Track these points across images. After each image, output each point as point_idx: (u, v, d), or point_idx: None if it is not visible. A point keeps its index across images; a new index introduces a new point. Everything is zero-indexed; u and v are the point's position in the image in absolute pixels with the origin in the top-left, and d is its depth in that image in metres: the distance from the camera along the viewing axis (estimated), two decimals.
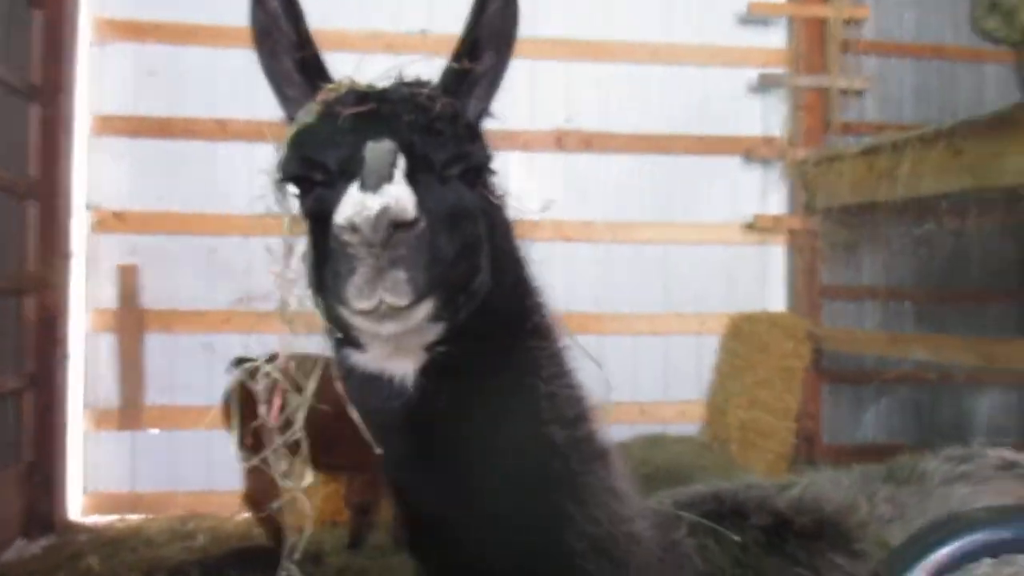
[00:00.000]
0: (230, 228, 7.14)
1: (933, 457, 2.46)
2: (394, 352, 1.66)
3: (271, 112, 6.89)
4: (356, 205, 1.42)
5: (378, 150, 1.50)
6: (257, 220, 6.80)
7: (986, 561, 1.40)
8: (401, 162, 1.51)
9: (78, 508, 6.88)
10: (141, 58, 7.11)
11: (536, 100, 7.48)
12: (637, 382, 7.45)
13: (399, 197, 1.44)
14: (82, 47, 6.85)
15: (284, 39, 1.72)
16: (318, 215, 1.61)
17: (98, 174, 7.06)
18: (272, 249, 1.67)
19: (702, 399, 7.67)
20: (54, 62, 6.47)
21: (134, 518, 6.84)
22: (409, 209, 1.44)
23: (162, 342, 7.10)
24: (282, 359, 1.57)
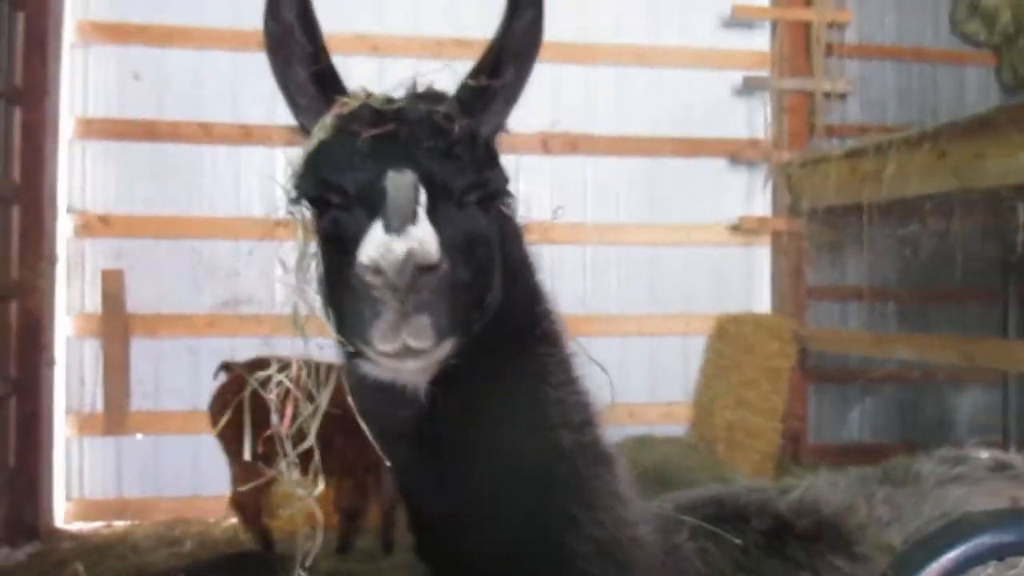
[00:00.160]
0: (215, 232, 7.12)
1: (927, 459, 2.48)
2: None
3: (256, 115, 6.84)
4: (380, 248, 1.41)
5: (400, 184, 1.49)
6: (242, 224, 6.74)
7: (991, 564, 1.42)
8: (423, 197, 1.50)
9: (62, 515, 6.81)
10: (125, 61, 7.04)
11: (522, 103, 7.43)
12: (624, 383, 7.45)
13: (423, 240, 1.43)
14: (65, 49, 6.79)
15: (298, 49, 1.71)
16: (334, 237, 1.60)
17: (82, 178, 7.00)
18: (285, 262, 1.66)
19: (689, 400, 7.69)
20: (37, 64, 6.41)
21: (119, 524, 6.78)
22: (433, 252, 1.43)
23: (147, 347, 7.04)
24: (295, 368, 1.57)
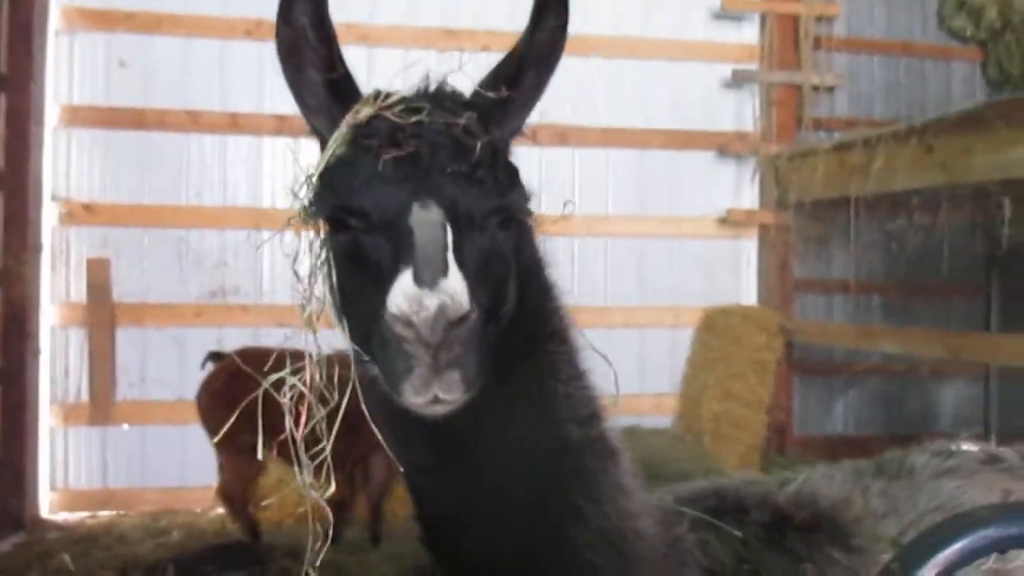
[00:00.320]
0: (202, 221, 7.09)
1: (920, 452, 2.50)
2: None
3: (244, 103, 6.78)
4: (412, 302, 1.39)
5: (427, 225, 1.47)
6: (229, 213, 6.68)
7: (992, 557, 1.44)
8: (450, 237, 1.48)
9: (47, 505, 6.77)
10: (111, 48, 6.97)
11: None
12: (611, 375, 7.48)
13: (455, 293, 1.41)
14: (51, 36, 6.72)
15: (312, 54, 1.66)
16: (355, 258, 1.58)
17: (67, 165, 6.93)
18: (300, 275, 1.64)
19: (676, 392, 7.73)
20: (22, 51, 6.35)
21: (105, 515, 6.75)
22: (465, 305, 1.41)
23: (133, 336, 6.99)
24: (308, 372, 1.56)
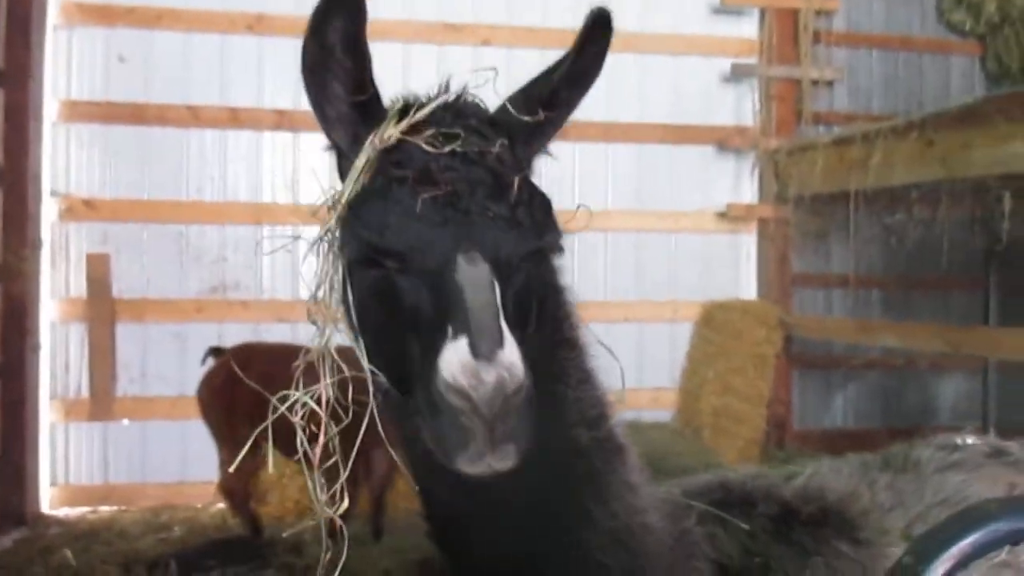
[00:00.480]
0: (202, 216, 7.08)
1: (926, 446, 2.52)
2: None
3: (244, 98, 6.77)
4: (470, 376, 1.34)
5: (478, 288, 1.43)
6: (229, 208, 6.67)
7: (1004, 548, 1.45)
8: (498, 295, 1.44)
9: (48, 500, 6.77)
10: (111, 43, 6.96)
11: (511, 88, 7.44)
12: (612, 369, 7.49)
13: (512, 365, 1.36)
14: (49, 31, 6.70)
15: (340, 71, 1.62)
16: (388, 296, 1.53)
17: (66, 161, 6.92)
18: (318, 294, 1.62)
19: (675, 386, 7.74)
20: (20, 46, 6.33)
21: (106, 510, 6.76)
22: (521, 376, 1.37)
23: (133, 332, 6.99)
24: (323, 395, 1.55)
